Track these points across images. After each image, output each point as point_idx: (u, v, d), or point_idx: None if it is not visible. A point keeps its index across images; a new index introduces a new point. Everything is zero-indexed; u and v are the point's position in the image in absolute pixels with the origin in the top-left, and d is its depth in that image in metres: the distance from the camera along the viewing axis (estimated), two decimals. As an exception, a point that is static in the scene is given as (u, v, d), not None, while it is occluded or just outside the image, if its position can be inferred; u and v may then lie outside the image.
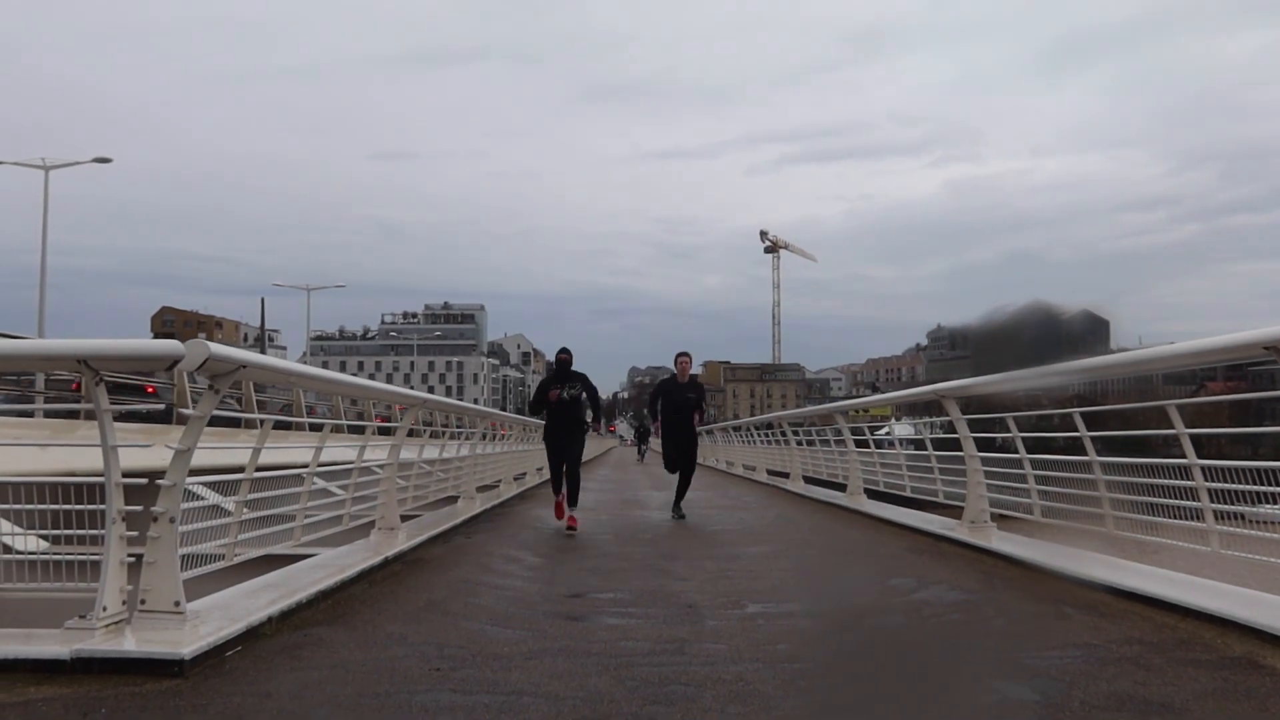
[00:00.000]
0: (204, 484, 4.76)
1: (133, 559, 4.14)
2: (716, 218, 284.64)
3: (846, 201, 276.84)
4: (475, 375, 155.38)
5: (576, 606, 5.38)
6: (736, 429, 25.90)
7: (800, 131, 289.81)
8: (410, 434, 8.54)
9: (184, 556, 4.31)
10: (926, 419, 11.17)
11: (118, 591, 4.00)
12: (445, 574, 6.45)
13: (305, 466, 6.20)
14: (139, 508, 4.14)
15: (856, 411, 19.16)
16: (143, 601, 4.09)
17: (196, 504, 4.68)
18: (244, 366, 4.42)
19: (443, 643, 4.36)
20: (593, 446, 41.94)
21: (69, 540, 4.35)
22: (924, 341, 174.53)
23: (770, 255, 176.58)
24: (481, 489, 12.45)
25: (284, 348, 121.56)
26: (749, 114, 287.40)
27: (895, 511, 10.39)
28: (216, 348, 4.09)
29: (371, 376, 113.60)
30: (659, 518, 11.16)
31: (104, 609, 3.90)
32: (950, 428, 8.27)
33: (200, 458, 4.38)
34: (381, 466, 7.71)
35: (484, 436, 12.43)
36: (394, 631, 4.59)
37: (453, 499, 11.17)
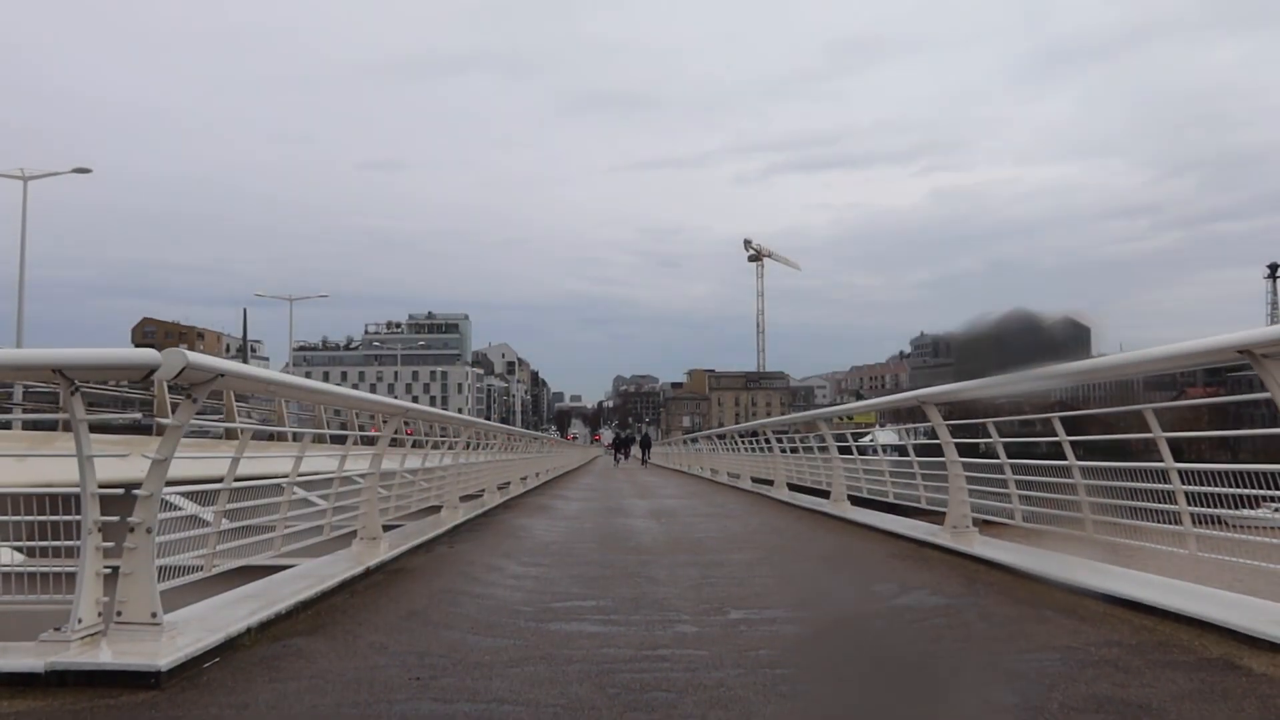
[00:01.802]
0: (182, 494, 4.73)
1: (109, 570, 4.10)
2: (704, 227, 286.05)
3: (833, 210, 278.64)
4: (460, 385, 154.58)
5: (559, 614, 5.36)
6: (721, 437, 25.92)
7: (788, 141, 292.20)
8: (393, 443, 8.50)
9: (161, 567, 4.27)
10: (910, 425, 11.21)
11: (94, 603, 3.96)
12: (427, 583, 6.42)
13: (286, 476, 6.15)
14: (115, 518, 4.10)
15: (840, 418, 19.25)
16: (119, 613, 4.06)
17: (174, 514, 4.65)
18: (221, 375, 4.40)
19: (424, 652, 4.34)
20: (574, 455, 36.75)
21: (45, 552, 4.31)
22: (908, 349, 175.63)
23: (754, 264, 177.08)
24: (465, 498, 12.39)
25: (266, 358, 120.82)
26: (738, 123, 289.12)
27: (878, 518, 10.41)
28: (194, 356, 4.07)
29: (355, 387, 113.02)
30: (643, 525, 11.14)
31: (79, 621, 3.86)
32: (933, 434, 8.31)
33: (179, 468, 4.34)
34: (363, 476, 7.68)
35: (467, 446, 12.38)
36: (375, 641, 4.57)
37: (436, 508, 11.11)
